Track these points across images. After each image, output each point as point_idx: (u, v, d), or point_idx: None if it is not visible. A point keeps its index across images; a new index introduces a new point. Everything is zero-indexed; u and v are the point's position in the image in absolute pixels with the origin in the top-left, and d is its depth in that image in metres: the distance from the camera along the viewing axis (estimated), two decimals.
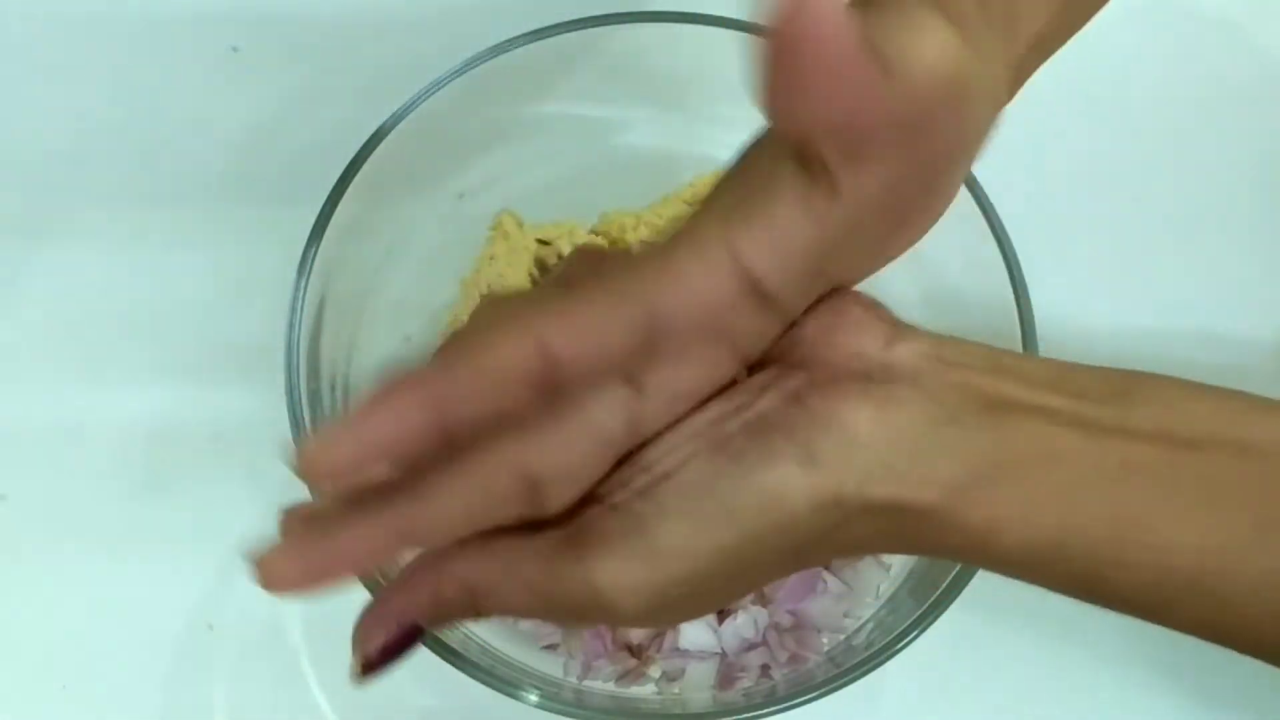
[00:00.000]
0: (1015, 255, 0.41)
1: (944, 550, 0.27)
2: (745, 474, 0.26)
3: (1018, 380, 0.27)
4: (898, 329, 0.28)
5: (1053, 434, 0.26)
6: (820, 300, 0.28)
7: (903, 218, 0.27)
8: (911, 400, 0.26)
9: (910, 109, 0.24)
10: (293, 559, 0.25)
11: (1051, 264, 0.43)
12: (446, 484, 0.26)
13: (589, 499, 0.27)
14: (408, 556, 0.29)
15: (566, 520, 0.27)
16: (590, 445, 0.27)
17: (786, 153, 0.26)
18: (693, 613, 0.29)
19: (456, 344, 0.25)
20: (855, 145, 0.24)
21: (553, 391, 0.25)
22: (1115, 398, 0.27)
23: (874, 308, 0.28)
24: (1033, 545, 0.26)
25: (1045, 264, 0.42)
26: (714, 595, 0.28)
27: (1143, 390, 0.27)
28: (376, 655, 0.28)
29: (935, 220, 0.28)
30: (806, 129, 0.24)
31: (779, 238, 0.25)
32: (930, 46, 0.24)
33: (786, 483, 0.26)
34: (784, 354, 0.28)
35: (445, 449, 0.25)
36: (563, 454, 0.26)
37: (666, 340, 0.25)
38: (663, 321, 0.25)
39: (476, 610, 0.28)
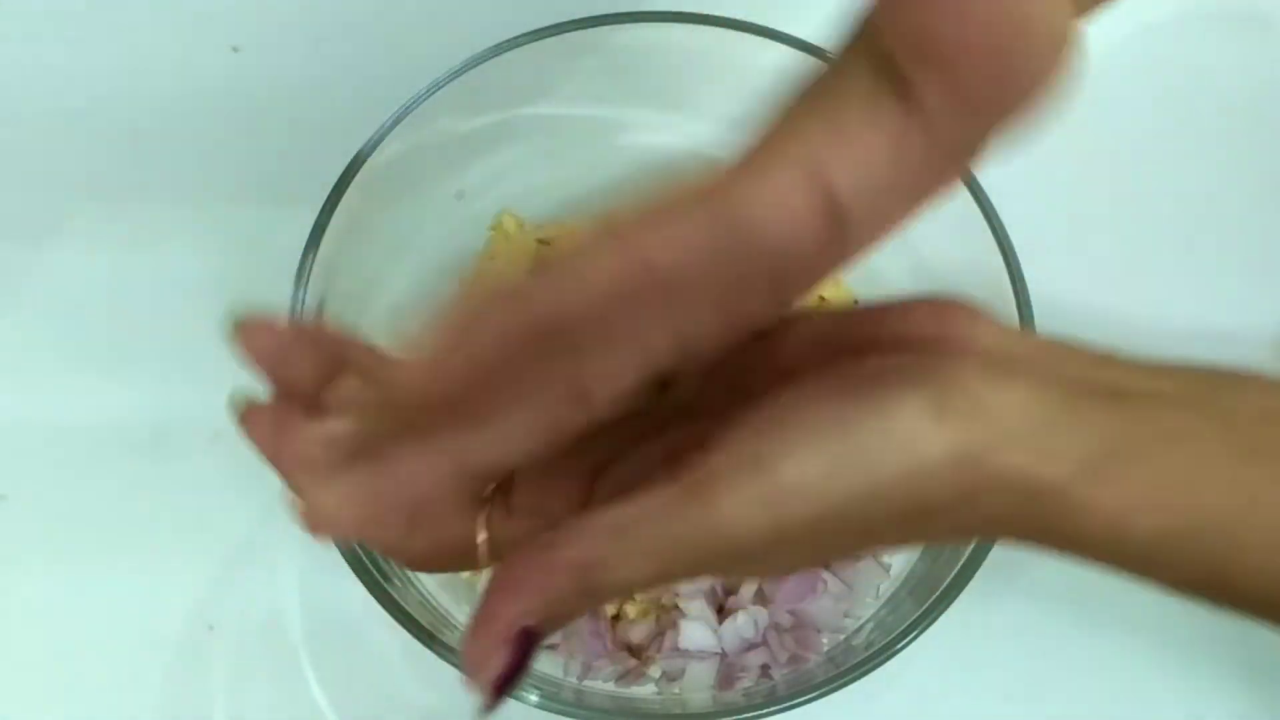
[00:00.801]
0: (1014, 253, 0.41)
1: (1075, 540, 0.26)
2: (877, 417, 0.24)
3: (1126, 370, 0.27)
4: (1003, 326, 0.28)
5: (1174, 416, 0.25)
6: (921, 300, 0.28)
7: (956, 159, 0.25)
8: (1032, 382, 0.25)
9: (1019, 53, 0.22)
10: (346, 497, 0.22)
11: (1049, 260, 0.42)
12: (500, 400, 0.24)
13: (695, 446, 0.26)
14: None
15: (668, 478, 0.26)
16: (637, 355, 0.25)
17: (869, 67, 0.23)
18: (806, 560, 0.28)
19: (544, 262, 0.23)
20: (946, 68, 0.22)
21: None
22: (1222, 383, 0.27)
23: (978, 306, 0.28)
24: (1165, 531, 0.25)
25: (1044, 261, 0.42)
26: (829, 547, 0.27)
27: (1242, 379, 0.27)
28: (501, 677, 0.25)
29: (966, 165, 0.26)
30: (911, 37, 0.22)
31: (861, 154, 0.23)
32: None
33: (920, 430, 0.24)
34: (892, 341, 0.27)
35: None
36: (611, 360, 0.25)
37: (745, 253, 0.23)
38: (747, 234, 0.23)
39: (591, 592, 0.26)
